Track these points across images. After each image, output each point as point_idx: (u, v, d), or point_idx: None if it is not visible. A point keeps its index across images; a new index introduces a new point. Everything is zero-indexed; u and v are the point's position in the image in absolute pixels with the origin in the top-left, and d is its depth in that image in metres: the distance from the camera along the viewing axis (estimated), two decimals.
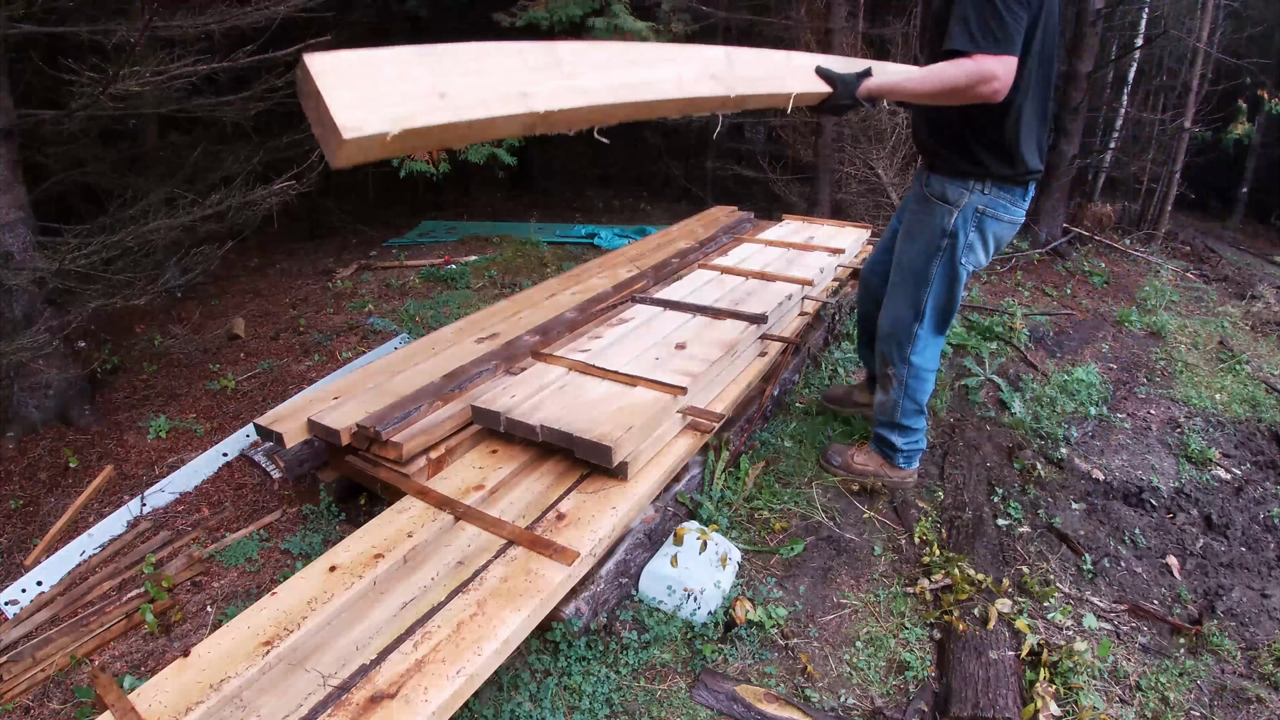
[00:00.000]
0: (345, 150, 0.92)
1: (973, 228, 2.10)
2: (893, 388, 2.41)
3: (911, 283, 2.24)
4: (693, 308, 2.96)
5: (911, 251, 2.23)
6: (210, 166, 4.29)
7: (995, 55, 1.72)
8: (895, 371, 2.38)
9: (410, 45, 1.04)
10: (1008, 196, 2.09)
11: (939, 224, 2.13)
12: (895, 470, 2.60)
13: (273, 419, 2.31)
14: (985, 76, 1.74)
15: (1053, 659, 1.89)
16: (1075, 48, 5.31)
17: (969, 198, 2.08)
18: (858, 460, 2.64)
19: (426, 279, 4.93)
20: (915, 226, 2.22)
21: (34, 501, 2.71)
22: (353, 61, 0.96)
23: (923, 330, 2.28)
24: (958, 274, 2.18)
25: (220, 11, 3.06)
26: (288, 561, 2.34)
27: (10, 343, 2.71)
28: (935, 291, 2.21)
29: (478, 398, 2.31)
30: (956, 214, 2.09)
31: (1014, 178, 2.06)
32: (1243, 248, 7.54)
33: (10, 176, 2.83)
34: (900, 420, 2.47)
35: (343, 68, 0.95)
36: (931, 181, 2.15)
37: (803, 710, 1.78)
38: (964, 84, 1.77)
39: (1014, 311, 4.28)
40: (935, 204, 2.14)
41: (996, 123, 1.97)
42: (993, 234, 2.13)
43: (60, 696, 1.93)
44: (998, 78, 1.74)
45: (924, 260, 2.19)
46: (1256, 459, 3.10)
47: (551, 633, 1.86)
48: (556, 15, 5.03)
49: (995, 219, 2.10)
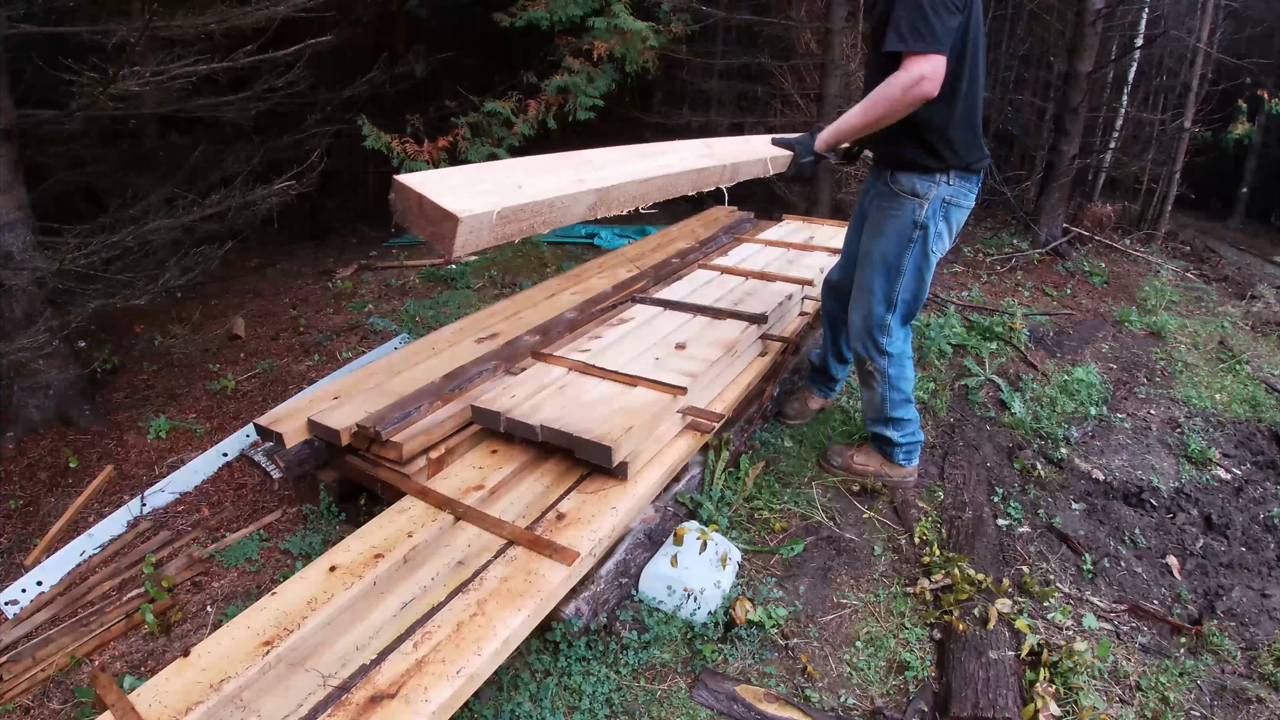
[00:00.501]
0: (460, 231, 1.13)
1: (941, 217, 2.22)
2: (877, 382, 2.44)
3: (883, 276, 2.30)
4: (693, 308, 2.96)
5: (883, 246, 2.28)
6: (210, 166, 4.28)
7: (923, 55, 1.86)
8: (876, 365, 2.41)
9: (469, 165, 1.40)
10: (966, 185, 2.22)
11: (909, 217, 2.22)
12: (896, 468, 2.60)
13: (273, 419, 2.31)
14: (915, 78, 1.88)
15: (1053, 659, 1.89)
16: (1075, 48, 5.30)
17: (936, 190, 2.18)
18: (858, 460, 2.65)
19: (426, 279, 4.93)
20: (885, 222, 2.28)
21: (34, 501, 2.71)
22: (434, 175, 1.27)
23: (894, 320, 2.34)
24: (929, 262, 2.28)
25: (220, 11, 3.05)
26: (288, 561, 2.34)
27: (10, 343, 2.71)
28: (907, 282, 2.29)
29: (478, 398, 2.31)
30: (926, 206, 2.19)
31: (972, 166, 2.19)
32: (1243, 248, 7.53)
33: (10, 176, 2.83)
34: (891, 414, 2.48)
35: (429, 179, 1.24)
36: (899, 179, 2.23)
37: (803, 710, 1.78)
38: (899, 94, 1.91)
39: (1014, 311, 4.28)
40: (905, 199, 2.22)
41: (945, 118, 2.09)
42: (955, 221, 2.27)
43: (60, 696, 1.93)
44: (926, 76, 1.87)
45: (896, 253, 2.26)
46: (1256, 459, 3.10)
47: (551, 633, 1.86)
48: (556, 15, 5.03)
49: (958, 206, 2.24)
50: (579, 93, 5.21)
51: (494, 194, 1.23)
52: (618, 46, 5.15)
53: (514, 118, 5.20)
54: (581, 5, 5.05)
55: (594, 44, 5.11)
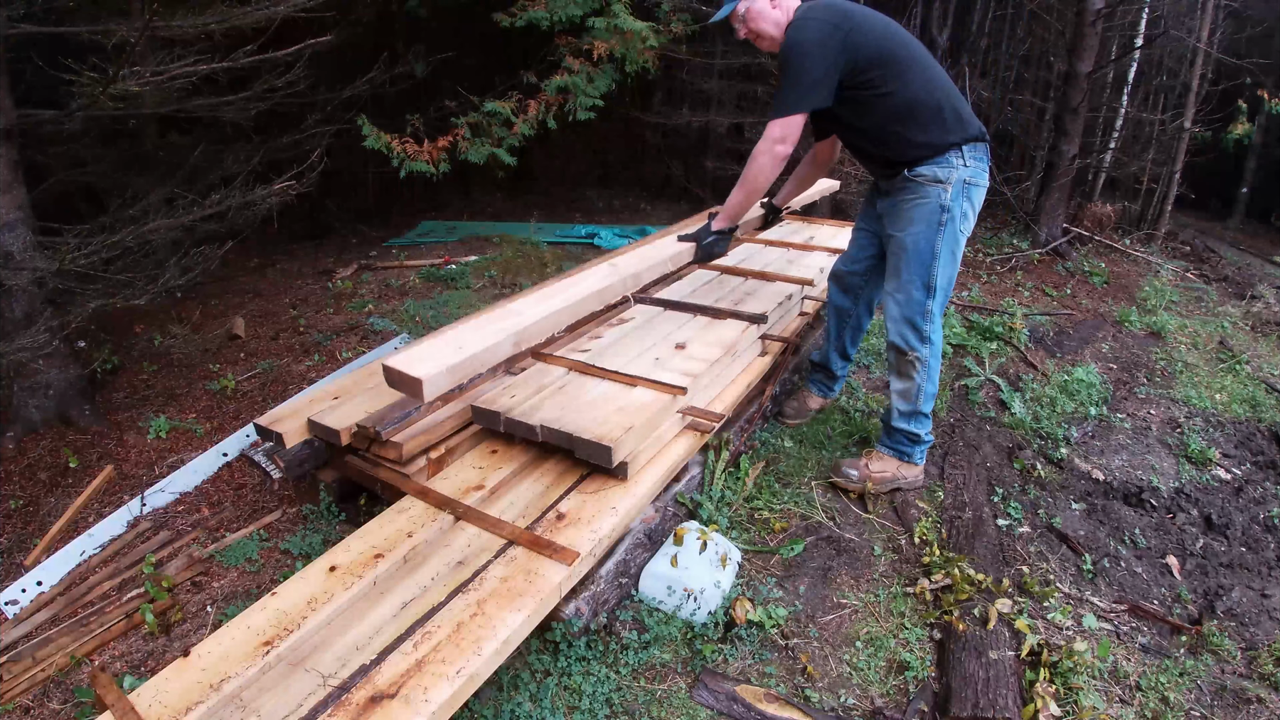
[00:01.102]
0: (425, 387, 1.73)
1: (964, 199, 2.31)
2: (916, 372, 2.45)
3: (918, 263, 2.34)
4: (693, 308, 2.96)
5: (915, 233, 2.33)
6: (210, 166, 4.28)
7: (777, 119, 2.22)
8: (918, 354, 2.43)
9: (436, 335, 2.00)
10: (979, 164, 2.32)
11: (936, 203, 2.29)
12: (911, 468, 2.61)
13: (273, 419, 2.31)
14: (770, 141, 2.25)
15: (1053, 659, 1.89)
16: (1075, 48, 5.30)
17: (955, 173, 2.27)
18: (874, 468, 2.61)
19: (426, 279, 4.93)
20: (913, 211, 2.33)
21: (34, 501, 2.71)
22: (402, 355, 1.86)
23: (934, 305, 2.39)
24: (959, 243, 2.36)
25: (220, 11, 3.05)
26: (288, 561, 2.34)
27: (10, 343, 2.71)
28: (943, 266, 2.34)
29: (478, 398, 2.31)
30: (950, 189, 2.27)
31: (972, 137, 2.29)
32: (1243, 248, 7.54)
33: (10, 176, 2.83)
34: (922, 407, 2.51)
35: (399, 359, 1.83)
36: (918, 171, 2.30)
37: (803, 710, 1.78)
38: (765, 159, 2.28)
39: (1014, 311, 4.28)
40: (928, 186, 2.29)
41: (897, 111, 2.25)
42: (976, 201, 2.36)
43: (60, 696, 1.93)
44: (776, 137, 2.24)
45: (928, 238, 2.32)
46: (1256, 459, 3.10)
47: (551, 633, 1.86)
48: (556, 15, 5.02)
49: (977, 186, 2.33)
50: (579, 93, 5.21)
51: (443, 356, 1.82)
52: (618, 46, 5.14)
53: (514, 118, 5.19)
54: (581, 5, 5.04)
55: (594, 44, 5.11)
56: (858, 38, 2.18)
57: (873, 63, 2.19)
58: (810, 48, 2.17)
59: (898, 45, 2.25)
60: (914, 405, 2.50)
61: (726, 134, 7.22)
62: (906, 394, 2.50)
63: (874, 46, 2.20)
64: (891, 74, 2.21)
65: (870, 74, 2.20)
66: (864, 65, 2.19)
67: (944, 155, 2.26)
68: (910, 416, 2.53)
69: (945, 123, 2.26)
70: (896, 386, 2.52)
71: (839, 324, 2.85)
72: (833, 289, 2.83)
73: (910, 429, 2.54)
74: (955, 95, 2.32)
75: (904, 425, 2.55)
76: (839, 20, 2.19)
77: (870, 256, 2.67)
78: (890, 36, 2.26)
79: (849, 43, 2.17)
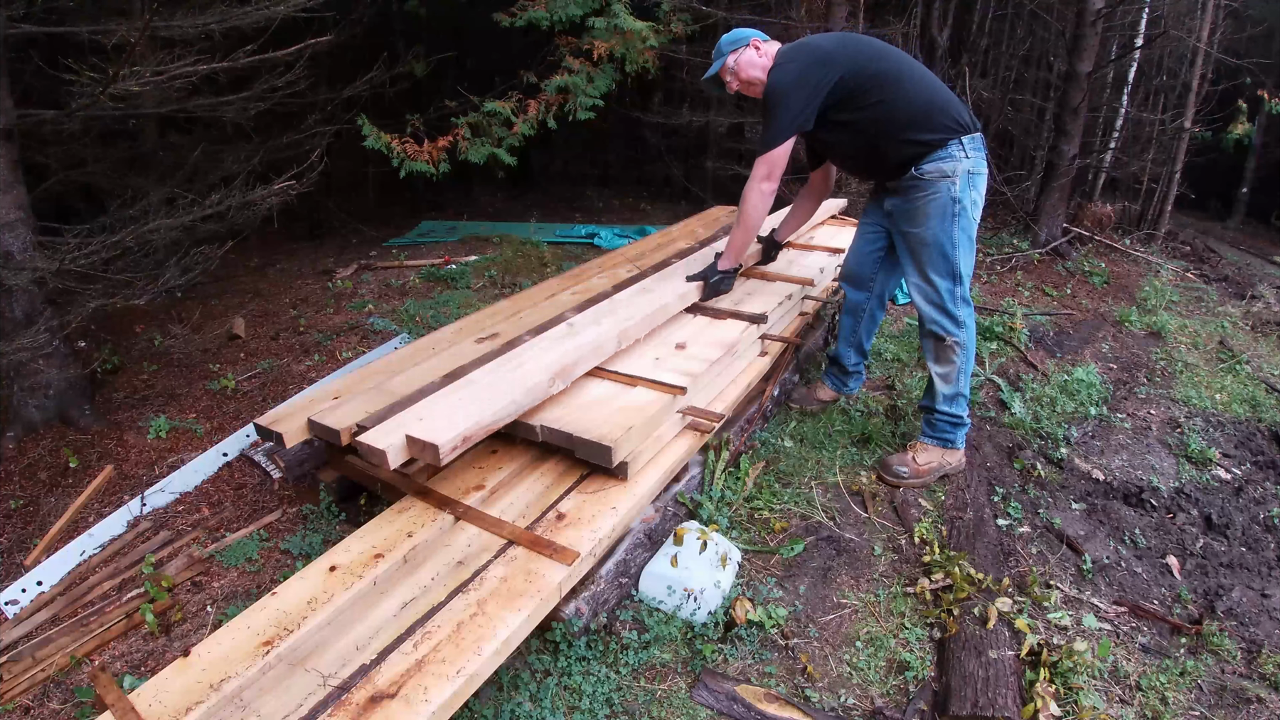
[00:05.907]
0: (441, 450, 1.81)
1: (970, 188, 2.38)
2: (956, 355, 2.52)
3: (939, 254, 2.42)
4: (693, 307, 2.96)
5: (931, 228, 2.40)
6: (210, 166, 4.28)
7: (762, 156, 2.38)
8: (956, 339, 2.50)
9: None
10: (978, 152, 2.38)
11: (946, 195, 2.36)
12: (953, 452, 2.67)
13: (273, 419, 2.30)
14: (757, 180, 2.42)
15: (1053, 659, 1.89)
16: (1075, 48, 5.30)
17: (960, 165, 2.33)
18: (921, 461, 2.66)
19: (426, 279, 4.93)
20: (926, 207, 2.40)
21: (34, 501, 2.71)
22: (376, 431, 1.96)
23: (963, 289, 2.46)
24: (973, 228, 2.44)
25: (220, 11, 3.05)
26: (288, 561, 2.34)
27: (10, 343, 2.71)
28: (963, 253, 2.43)
29: None
30: (958, 181, 2.34)
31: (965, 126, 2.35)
32: (1243, 248, 7.54)
33: (10, 176, 2.83)
34: (964, 389, 2.57)
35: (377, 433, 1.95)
36: (924, 169, 2.36)
37: (803, 710, 1.78)
38: (755, 196, 2.45)
39: (1014, 311, 4.28)
40: (937, 182, 2.35)
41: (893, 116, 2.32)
42: (980, 189, 2.42)
43: (60, 696, 1.93)
44: (762, 175, 2.40)
45: (945, 229, 2.39)
46: (1256, 459, 3.10)
47: (551, 633, 1.87)
48: (556, 15, 5.02)
49: (979, 174, 2.40)
50: (579, 92, 5.21)
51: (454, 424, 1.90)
52: (618, 46, 5.14)
53: (514, 118, 5.19)
54: (581, 5, 5.04)
55: (594, 44, 5.11)
56: (836, 70, 2.31)
57: (858, 83, 2.31)
58: (789, 86, 2.32)
59: (879, 61, 2.34)
60: (957, 387, 2.57)
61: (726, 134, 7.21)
62: (948, 377, 2.57)
63: (855, 70, 2.31)
64: (877, 87, 2.31)
65: (856, 94, 2.32)
66: (850, 89, 2.31)
67: (946, 149, 2.32)
68: (953, 399, 2.59)
69: (940, 118, 2.32)
70: (938, 371, 2.58)
71: (853, 320, 2.92)
72: (847, 286, 2.90)
73: (953, 411, 2.60)
74: (945, 92, 2.39)
75: (947, 409, 2.60)
76: (820, 57, 2.33)
77: (879, 249, 2.74)
78: (872, 56, 2.35)
79: (827, 76, 2.30)
